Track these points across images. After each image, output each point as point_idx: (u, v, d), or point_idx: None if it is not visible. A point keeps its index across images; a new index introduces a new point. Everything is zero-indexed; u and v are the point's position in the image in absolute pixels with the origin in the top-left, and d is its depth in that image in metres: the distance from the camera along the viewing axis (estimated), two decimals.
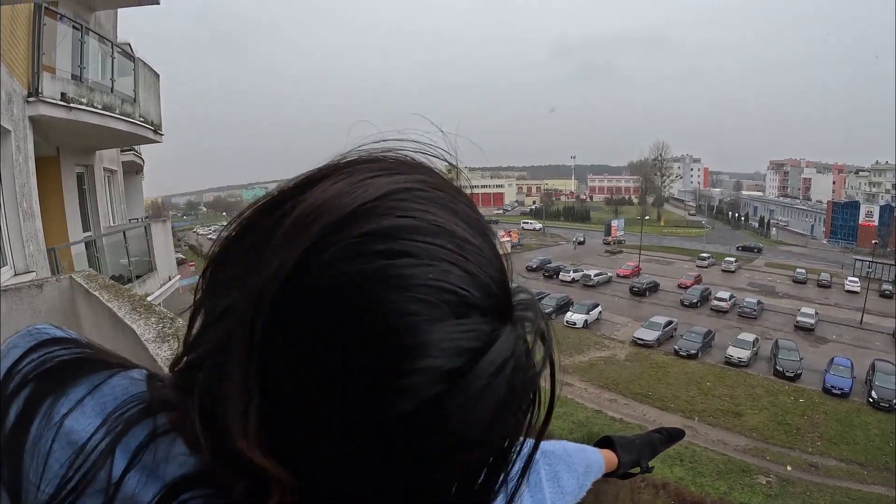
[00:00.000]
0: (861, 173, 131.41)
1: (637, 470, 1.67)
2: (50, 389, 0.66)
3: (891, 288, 66.32)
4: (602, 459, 1.52)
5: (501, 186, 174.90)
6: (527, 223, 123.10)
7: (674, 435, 1.79)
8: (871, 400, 37.71)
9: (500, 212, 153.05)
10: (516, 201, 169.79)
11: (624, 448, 1.62)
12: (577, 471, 1.33)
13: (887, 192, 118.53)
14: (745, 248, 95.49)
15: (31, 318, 7.14)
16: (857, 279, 68.16)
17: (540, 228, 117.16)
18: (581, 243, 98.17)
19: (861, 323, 54.53)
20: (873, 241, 77.48)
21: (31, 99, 10.30)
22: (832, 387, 39.44)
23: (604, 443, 1.64)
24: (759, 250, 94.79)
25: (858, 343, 49.24)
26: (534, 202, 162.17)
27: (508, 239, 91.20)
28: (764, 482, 29.57)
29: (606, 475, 1.59)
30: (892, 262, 73.58)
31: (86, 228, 14.75)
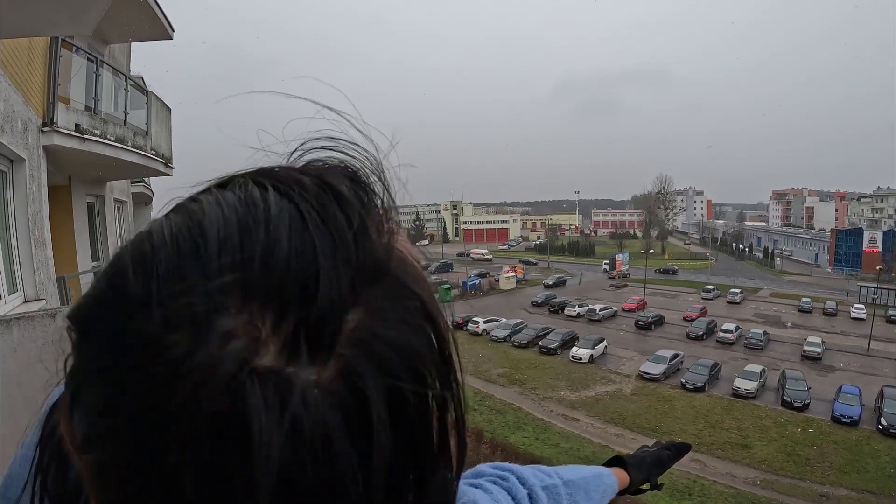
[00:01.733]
0: (863, 200, 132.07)
1: (647, 487, 1.74)
2: None
3: None
4: (616, 482, 1.58)
5: (506, 222, 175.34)
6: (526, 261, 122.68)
7: (681, 449, 1.87)
8: (880, 427, 37.41)
9: (505, 247, 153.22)
10: (521, 236, 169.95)
11: (634, 467, 1.69)
12: (594, 498, 1.41)
13: (890, 217, 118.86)
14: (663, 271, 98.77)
15: (44, 347, 7.23)
16: (862, 306, 67.97)
17: (535, 263, 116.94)
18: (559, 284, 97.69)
19: (868, 350, 54.30)
20: (878, 268, 77.25)
21: (45, 129, 10.44)
22: (841, 415, 39.20)
23: (615, 461, 1.71)
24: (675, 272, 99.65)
25: (866, 370, 48.96)
26: (538, 237, 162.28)
27: (513, 274, 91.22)
28: None
29: (619, 492, 1.65)
30: None
31: (95, 258, 14.78)
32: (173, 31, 16.63)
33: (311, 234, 0.45)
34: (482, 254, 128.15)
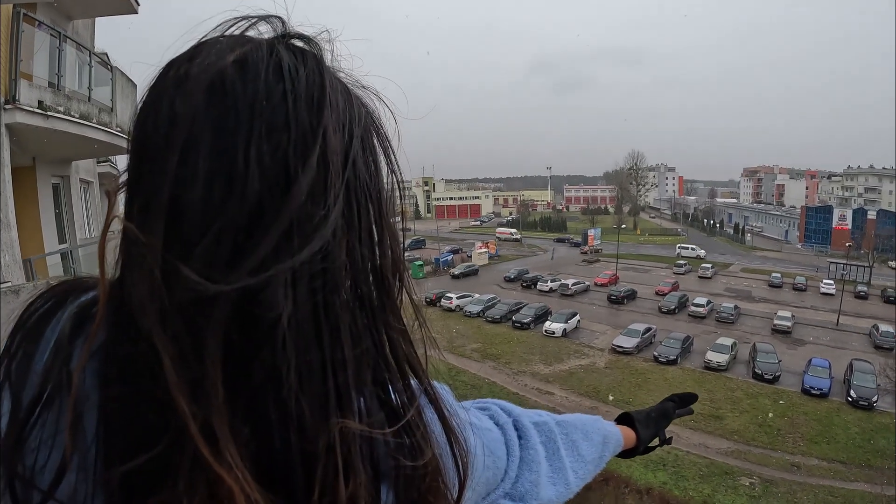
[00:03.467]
0: (833, 178, 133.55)
1: (656, 442, 1.65)
2: (66, 296, 0.73)
3: (865, 289, 67.18)
4: (619, 431, 1.50)
5: (478, 198, 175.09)
6: (504, 232, 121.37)
7: (686, 399, 1.77)
8: (850, 399, 38.24)
9: (478, 223, 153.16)
10: (493, 213, 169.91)
11: (641, 423, 1.60)
12: (594, 440, 1.32)
13: (860, 195, 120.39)
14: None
15: (7, 325, 7.00)
16: (832, 282, 68.91)
17: (518, 238, 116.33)
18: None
19: (837, 324, 55.22)
20: (847, 244, 78.25)
21: (7, 106, 10.14)
22: (811, 387, 39.89)
23: (621, 420, 1.61)
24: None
25: (835, 344, 49.84)
26: (510, 213, 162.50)
27: (486, 250, 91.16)
28: (747, 484, 29.69)
29: (628, 452, 1.57)
30: (867, 265, 74.55)
31: (62, 240, 14.50)
32: (138, 4, 16.19)
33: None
34: (510, 233, 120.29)
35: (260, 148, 0.61)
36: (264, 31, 0.72)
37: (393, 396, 0.75)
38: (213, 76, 0.63)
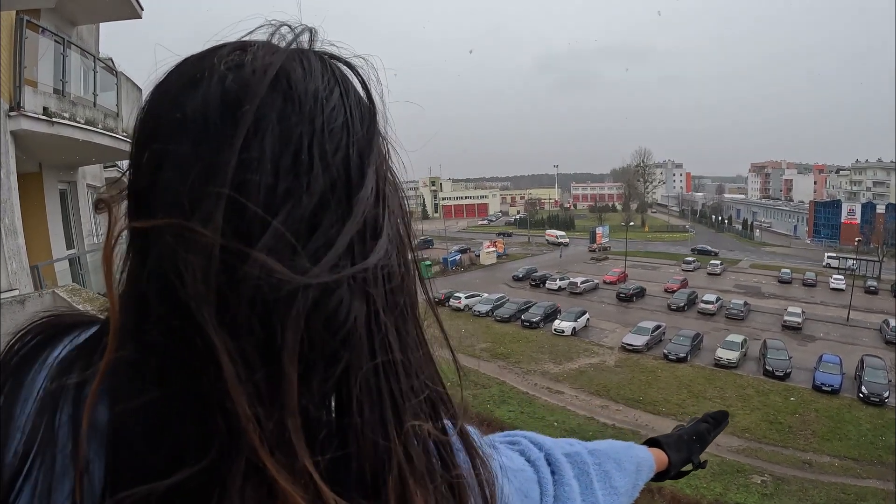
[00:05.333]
0: (842, 172, 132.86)
1: (690, 467, 1.58)
2: (51, 337, 0.70)
3: (875, 284, 66.86)
4: (651, 457, 1.43)
5: (485, 197, 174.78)
6: (553, 234, 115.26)
7: (719, 419, 1.73)
8: (861, 395, 38.01)
9: (485, 222, 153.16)
10: (500, 211, 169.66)
11: (672, 447, 1.54)
12: (627, 469, 1.26)
13: (868, 189, 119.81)
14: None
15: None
16: (841, 277, 68.67)
17: (567, 243, 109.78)
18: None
19: (847, 320, 55.07)
20: (856, 239, 77.91)
21: (12, 113, 10.15)
22: (822, 384, 39.66)
23: (650, 444, 1.54)
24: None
25: (846, 340, 49.72)
26: (518, 212, 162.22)
27: (494, 249, 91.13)
28: (759, 482, 29.56)
29: (659, 476, 1.50)
30: (877, 259, 74.22)
31: (69, 246, 14.53)
32: (142, 9, 16.21)
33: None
34: (556, 237, 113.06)
35: (322, 143, 0.59)
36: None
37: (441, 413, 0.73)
38: (273, 63, 0.60)
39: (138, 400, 0.57)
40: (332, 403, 0.61)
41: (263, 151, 0.56)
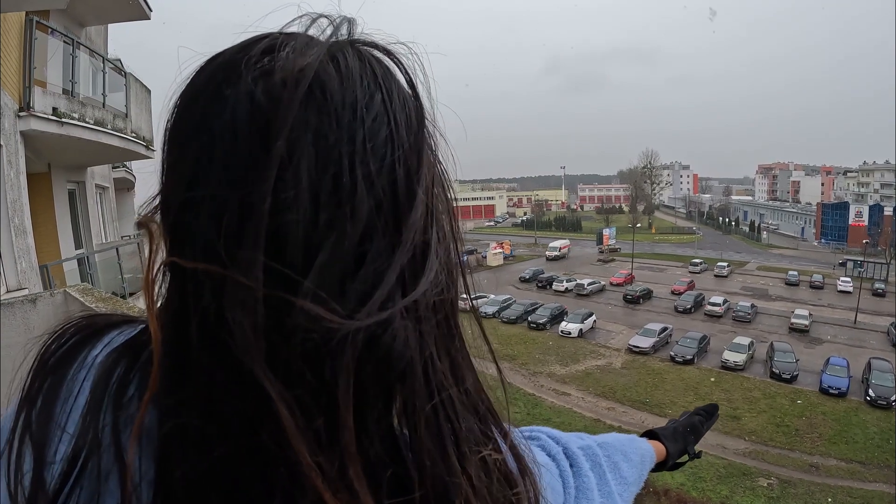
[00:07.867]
0: (849, 174, 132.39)
1: (685, 458, 1.62)
2: (89, 337, 0.68)
3: (883, 287, 66.62)
4: (652, 448, 1.46)
5: (492, 198, 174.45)
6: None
7: (710, 411, 1.75)
8: (868, 398, 37.85)
9: (492, 224, 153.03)
10: (507, 213, 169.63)
11: (668, 438, 1.56)
12: (633, 460, 1.29)
13: (876, 191, 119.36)
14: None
15: (25, 333, 7.05)
16: (849, 279, 68.60)
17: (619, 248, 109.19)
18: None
19: (855, 322, 54.84)
20: (864, 241, 77.66)
21: (22, 113, 10.22)
22: (829, 387, 39.57)
23: (647, 436, 1.57)
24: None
25: (853, 342, 49.57)
26: (524, 213, 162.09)
27: (501, 250, 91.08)
28: (765, 485, 29.50)
29: (658, 467, 1.54)
30: (884, 261, 73.95)
31: (78, 246, 14.63)
32: (150, 10, 16.29)
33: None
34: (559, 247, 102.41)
35: (366, 162, 0.54)
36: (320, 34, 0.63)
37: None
38: (305, 70, 0.54)
39: (203, 462, 0.54)
40: (393, 440, 0.60)
41: (299, 181, 0.51)
